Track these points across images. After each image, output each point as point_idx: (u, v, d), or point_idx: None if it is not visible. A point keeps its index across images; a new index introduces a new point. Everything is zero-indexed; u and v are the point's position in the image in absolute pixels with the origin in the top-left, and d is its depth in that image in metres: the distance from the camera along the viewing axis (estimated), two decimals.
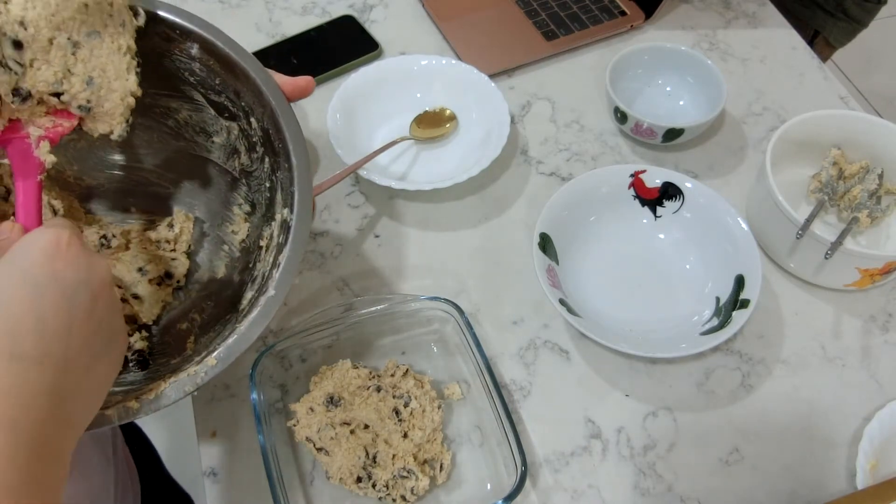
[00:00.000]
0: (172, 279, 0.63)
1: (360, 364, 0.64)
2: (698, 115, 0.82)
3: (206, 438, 0.62)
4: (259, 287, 0.54)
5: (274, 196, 0.57)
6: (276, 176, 0.56)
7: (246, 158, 0.60)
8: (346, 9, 0.95)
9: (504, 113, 0.79)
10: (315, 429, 0.59)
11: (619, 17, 0.93)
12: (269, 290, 0.50)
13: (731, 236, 0.68)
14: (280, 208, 0.55)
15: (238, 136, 0.59)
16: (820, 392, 0.66)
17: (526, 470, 0.56)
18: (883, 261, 0.65)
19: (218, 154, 0.62)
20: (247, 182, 0.62)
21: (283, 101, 0.52)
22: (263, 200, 0.60)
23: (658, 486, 0.61)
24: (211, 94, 0.57)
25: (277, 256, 0.52)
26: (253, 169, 0.60)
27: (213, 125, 0.60)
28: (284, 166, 0.54)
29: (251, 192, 0.62)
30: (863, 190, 0.72)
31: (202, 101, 0.58)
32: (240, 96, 0.55)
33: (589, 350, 0.67)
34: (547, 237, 0.69)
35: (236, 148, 0.61)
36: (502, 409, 0.59)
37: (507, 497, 0.55)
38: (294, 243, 0.51)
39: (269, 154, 0.56)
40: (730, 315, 0.64)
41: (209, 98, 0.57)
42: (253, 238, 0.62)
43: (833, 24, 1.11)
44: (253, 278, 0.58)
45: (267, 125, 0.54)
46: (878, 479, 0.60)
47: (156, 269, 0.62)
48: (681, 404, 0.65)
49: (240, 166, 0.61)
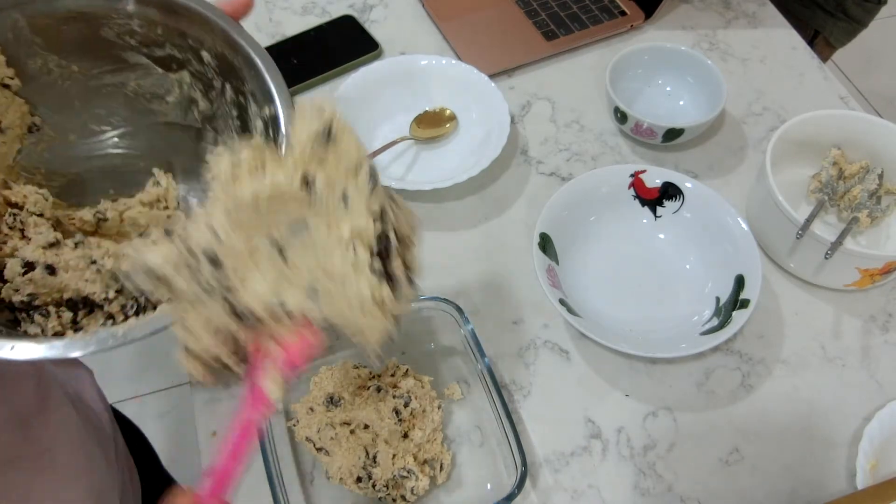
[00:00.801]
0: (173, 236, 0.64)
1: (361, 364, 0.64)
2: (698, 115, 0.82)
3: (206, 438, 0.62)
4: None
5: (245, 116, 0.58)
6: (243, 93, 0.56)
7: (205, 104, 0.61)
8: (346, 9, 0.95)
9: (504, 113, 0.79)
10: (315, 429, 0.59)
11: (619, 17, 0.93)
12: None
13: (731, 236, 0.68)
14: (256, 120, 0.55)
15: (190, 83, 0.60)
16: (820, 392, 0.66)
17: (526, 470, 0.56)
18: (883, 261, 0.65)
19: (175, 113, 0.63)
20: (211, 127, 0.62)
21: (230, 19, 0.53)
22: (235, 132, 0.61)
23: (658, 486, 0.61)
24: (155, 51, 0.57)
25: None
26: (214, 111, 0.61)
27: (163, 85, 0.61)
28: (251, 74, 0.54)
29: (218, 134, 0.62)
30: (863, 190, 0.72)
31: (147, 62, 0.59)
32: (186, 36, 0.55)
33: (589, 350, 0.67)
34: (547, 237, 0.69)
35: (192, 97, 0.61)
36: (502, 409, 0.59)
37: (507, 497, 0.55)
38: (286, 125, 0.51)
39: (229, 79, 0.57)
40: (730, 315, 0.64)
41: (153, 56, 0.58)
42: None
43: (833, 24, 1.11)
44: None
45: (221, 48, 0.55)
46: (878, 479, 0.60)
47: (157, 231, 0.63)
48: (681, 404, 0.65)
49: (200, 115, 0.62)
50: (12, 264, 0.56)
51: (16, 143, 0.62)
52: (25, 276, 0.56)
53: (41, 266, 0.56)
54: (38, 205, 0.60)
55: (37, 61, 0.60)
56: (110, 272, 0.58)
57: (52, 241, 0.58)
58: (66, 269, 0.57)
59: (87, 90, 0.52)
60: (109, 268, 0.58)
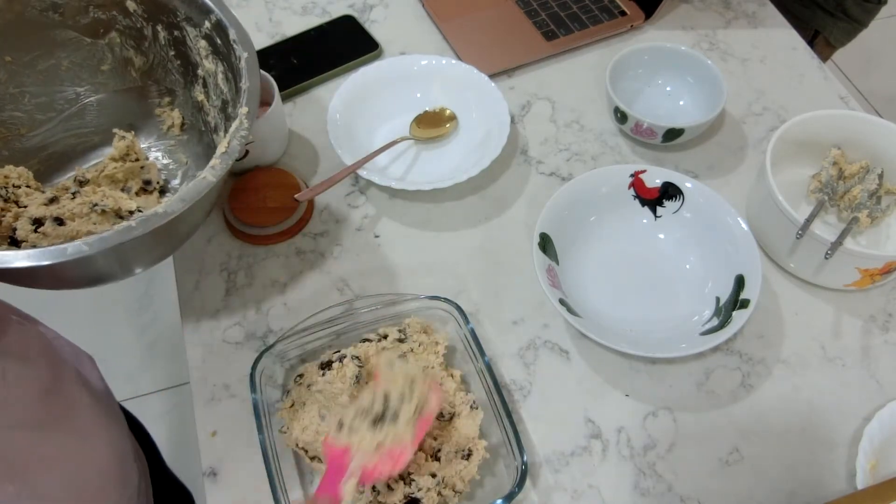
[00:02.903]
0: (152, 184, 0.67)
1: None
2: (698, 115, 0.82)
3: (206, 438, 0.62)
4: (225, 114, 0.58)
5: (184, 50, 0.60)
6: (177, 25, 0.59)
7: (140, 59, 0.63)
8: (346, 9, 0.95)
9: (504, 113, 0.79)
10: (309, 439, 0.59)
11: (619, 17, 0.93)
12: (241, 105, 0.53)
13: (731, 236, 0.68)
14: (198, 42, 0.58)
15: (121, 43, 0.62)
16: (820, 392, 0.66)
17: (526, 468, 0.56)
18: (883, 261, 0.65)
19: (114, 82, 0.66)
20: (152, 80, 0.65)
21: None
22: (177, 73, 0.64)
23: (658, 486, 0.61)
24: (79, 19, 0.59)
25: (224, 73, 0.56)
26: (151, 62, 0.63)
27: (94, 55, 0.63)
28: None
29: (160, 84, 0.65)
30: (863, 190, 0.72)
31: (74, 34, 0.61)
32: None
33: (589, 350, 0.67)
34: (547, 237, 0.69)
35: (125, 57, 0.64)
36: (502, 407, 0.59)
37: (508, 496, 0.55)
38: (233, 24, 0.55)
39: (159, 20, 0.59)
40: (730, 315, 0.64)
41: (79, 26, 0.60)
42: (188, 110, 0.66)
43: (833, 24, 1.11)
44: (213, 127, 0.62)
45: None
46: (878, 479, 0.60)
47: (136, 183, 0.66)
48: (681, 404, 0.65)
49: (137, 73, 0.65)
50: (22, 223, 0.58)
51: None
52: (38, 232, 0.58)
53: (49, 219, 0.59)
54: (22, 178, 0.62)
55: None
56: (113, 211, 0.61)
57: (50, 197, 0.61)
58: (73, 217, 0.60)
59: (25, 79, 0.54)
60: (111, 207, 0.60)
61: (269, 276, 0.71)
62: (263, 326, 0.68)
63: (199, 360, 0.67)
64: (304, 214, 0.75)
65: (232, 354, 0.67)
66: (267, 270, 0.72)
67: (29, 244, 0.58)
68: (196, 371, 0.66)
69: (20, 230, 0.58)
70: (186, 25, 0.58)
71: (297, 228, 0.74)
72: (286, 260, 0.73)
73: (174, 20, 0.58)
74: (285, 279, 0.71)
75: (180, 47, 0.60)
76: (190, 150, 0.70)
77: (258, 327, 0.68)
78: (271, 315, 0.69)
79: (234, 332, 0.68)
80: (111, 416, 0.65)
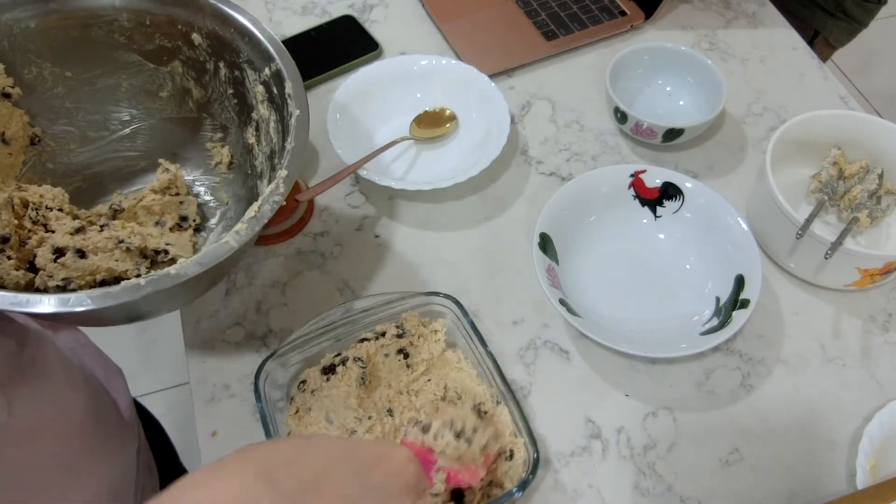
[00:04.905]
0: (188, 220, 0.66)
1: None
2: (698, 115, 0.82)
3: (206, 438, 0.62)
4: (272, 163, 0.57)
5: (242, 91, 0.59)
6: (238, 66, 0.58)
7: (199, 91, 0.62)
8: (346, 9, 0.95)
9: (504, 113, 0.79)
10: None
11: (619, 17, 0.93)
12: (290, 141, 0.52)
13: (731, 236, 0.68)
14: (256, 87, 0.57)
15: (183, 73, 0.61)
16: (820, 392, 0.66)
17: (539, 455, 0.56)
18: (883, 261, 0.65)
19: (170, 109, 0.64)
20: (207, 113, 0.64)
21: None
22: (233, 112, 0.62)
23: (658, 486, 0.61)
24: (145, 45, 0.58)
25: (276, 124, 0.55)
26: (209, 96, 0.62)
27: (155, 80, 0.62)
28: (245, 42, 0.56)
29: (215, 119, 0.64)
30: (863, 190, 0.72)
31: (137, 58, 0.60)
32: (174, 22, 0.56)
33: (589, 350, 0.67)
34: (547, 237, 0.69)
35: (185, 88, 0.62)
36: (510, 396, 0.59)
37: (522, 483, 0.55)
38: (292, 77, 0.54)
39: (222, 57, 0.58)
40: (730, 315, 0.64)
41: (144, 51, 0.59)
42: (238, 150, 0.64)
43: (833, 24, 1.11)
44: (259, 173, 0.61)
45: (211, 25, 0.56)
46: (878, 479, 0.60)
47: (171, 218, 0.65)
48: (681, 404, 0.65)
49: (195, 104, 0.63)
50: (43, 252, 0.57)
51: (20, 156, 0.63)
52: (57, 262, 0.57)
53: (71, 250, 0.58)
54: (56, 200, 0.61)
55: (32, 70, 0.61)
56: (138, 249, 0.60)
57: (77, 227, 0.60)
58: (96, 251, 0.59)
59: (82, 96, 0.53)
60: (137, 245, 0.59)
61: (269, 276, 0.71)
62: (263, 326, 0.68)
63: (199, 360, 0.67)
64: (304, 214, 0.75)
65: (232, 354, 0.67)
66: (267, 270, 0.72)
67: (46, 273, 0.57)
68: (196, 371, 0.66)
69: (40, 258, 0.57)
70: (247, 68, 0.57)
71: (297, 228, 0.74)
72: (286, 260, 0.73)
73: (236, 60, 0.57)
74: (285, 279, 0.71)
75: (239, 87, 0.59)
76: (233, 191, 0.68)
77: (258, 327, 0.68)
78: (271, 315, 0.69)
79: (234, 333, 0.68)
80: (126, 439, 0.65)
